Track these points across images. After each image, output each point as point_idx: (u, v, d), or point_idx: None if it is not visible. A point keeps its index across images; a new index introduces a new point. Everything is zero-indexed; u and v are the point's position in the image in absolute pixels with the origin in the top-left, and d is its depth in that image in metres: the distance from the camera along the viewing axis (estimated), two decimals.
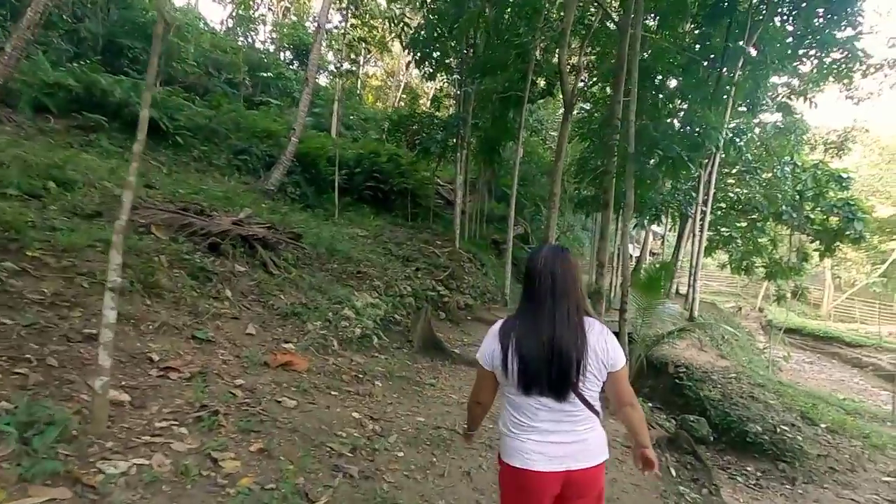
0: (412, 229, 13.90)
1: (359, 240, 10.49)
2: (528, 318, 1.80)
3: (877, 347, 19.18)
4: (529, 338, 1.75)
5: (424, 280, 9.32)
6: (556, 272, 1.78)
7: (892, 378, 17.64)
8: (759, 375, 9.82)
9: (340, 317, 5.76)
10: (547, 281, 1.77)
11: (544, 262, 1.81)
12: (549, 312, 1.75)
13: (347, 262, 8.10)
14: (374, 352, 5.82)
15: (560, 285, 1.77)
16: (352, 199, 15.77)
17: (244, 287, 5.73)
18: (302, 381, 4.25)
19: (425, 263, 10.47)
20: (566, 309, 1.75)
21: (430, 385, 5.46)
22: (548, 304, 1.75)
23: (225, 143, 13.38)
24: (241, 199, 9.99)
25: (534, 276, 1.82)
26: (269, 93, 23.73)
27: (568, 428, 1.77)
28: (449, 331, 8.45)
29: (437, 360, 6.59)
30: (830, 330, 21.77)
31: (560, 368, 1.71)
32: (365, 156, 17.27)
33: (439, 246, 12.30)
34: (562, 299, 1.76)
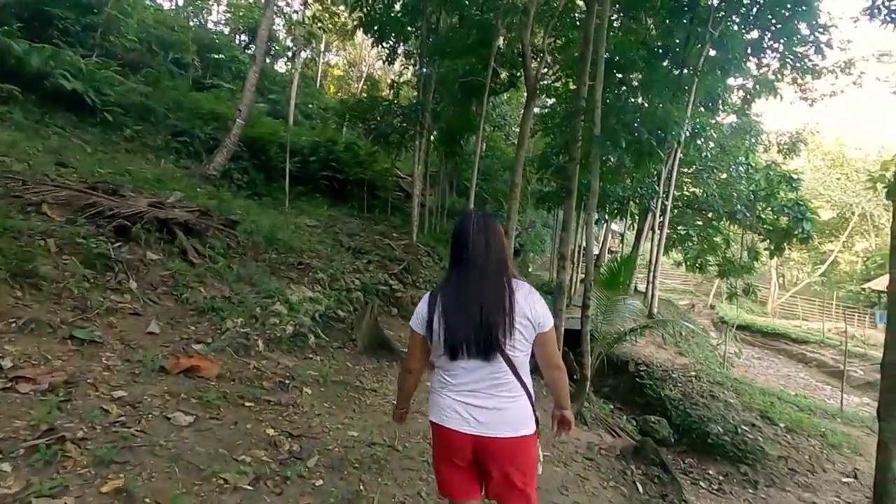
0: (368, 221, 13.10)
1: (306, 230, 9.63)
2: (457, 281, 1.76)
3: (820, 344, 19.65)
4: (456, 299, 1.72)
5: (376, 273, 8.57)
6: (489, 237, 1.77)
7: (835, 373, 18.12)
8: (718, 373, 9.57)
9: (270, 313, 4.97)
10: (480, 245, 1.75)
11: (476, 228, 1.77)
12: (480, 275, 1.72)
13: (288, 252, 7.27)
14: (309, 353, 5.05)
15: (493, 249, 1.76)
16: (305, 188, 14.79)
17: (155, 278, 4.85)
18: (208, 391, 3.46)
19: (379, 256, 9.71)
20: (496, 270, 1.73)
21: (372, 391, 4.75)
22: (478, 268, 1.72)
23: (163, 123, 12.21)
24: (175, 184, 8.97)
25: (465, 242, 1.77)
26: (222, 76, 22.27)
27: (487, 391, 1.70)
28: (401, 328, 7.73)
29: (384, 360, 5.87)
30: (777, 327, 22.24)
31: (487, 328, 1.66)
32: (321, 144, 16.30)
33: (396, 238, 11.57)
34: (493, 262, 1.74)
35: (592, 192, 5.34)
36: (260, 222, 7.71)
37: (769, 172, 16.63)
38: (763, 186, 16.72)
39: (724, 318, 24.49)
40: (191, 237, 5.82)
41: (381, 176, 16.74)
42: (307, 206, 13.11)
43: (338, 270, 7.45)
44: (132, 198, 5.95)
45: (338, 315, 6.15)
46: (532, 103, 8.37)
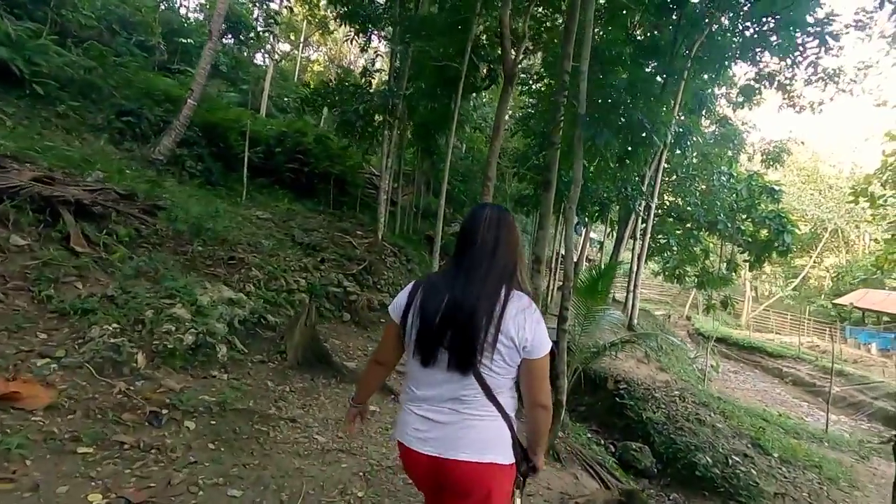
0: (333, 217, 11.97)
1: (255, 222, 8.48)
2: (450, 276, 1.46)
3: (796, 359, 19.11)
4: (440, 295, 1.42)
5: (329, 273, 7.46)
6: (501, 235, 1.47)
7: (811, 389, 17.58)
8: (702, 392, 8.69)
9: (165, 317, 3.83)
10: (488, 242, 1.45)
11: (489, 223, 1.47)
12: (477, 275, 1.41)
13: (219, 244, 6.12)
14: (214, 369, 3.93)
15: (502, 249, 1.45)
16: (268, 180, 13.59)
17: (13, 268, 3.68)
18: (17, 433, 2.35)
19: (336, 254, 8.60)
20: (498, 275, 1.43)
21: (290, 421, 3.65)
22: (479, 268, 1.42)
23: (108, 101, 10.90)
24: (106, 165, 7.74)
25: (473, 236, 1.47)
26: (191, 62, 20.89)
27: (451, 406, 1.41)
28: (351, 336, 6.64)
29: (320, 378, 4.78)
30: (754, 341, 21.70)
31: (467, 337, 1.35)
32: (289, 134, 15.12)
33: (360, 237, 10.46)
34: (497, 265, 1.44)
35: (575, 183, 4.36)
36: (191, 210, 6.53)
37: (751, 183, 16.04)
38: (744, 197, 16.13)
39: (700, 329, 23.94)
40: (85, 221, 4.65)
41: (352, 171, 15.64)
42: (267, 198, 11.94)
43: (279, 268, 6.31)
44: (15, 171, 4.75)
45: (266, 321, 5.03)
46: (509, 90, 7.41)
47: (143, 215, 5.59)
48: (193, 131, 11.97)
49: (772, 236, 15.97)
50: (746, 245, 17.19)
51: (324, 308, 6.75)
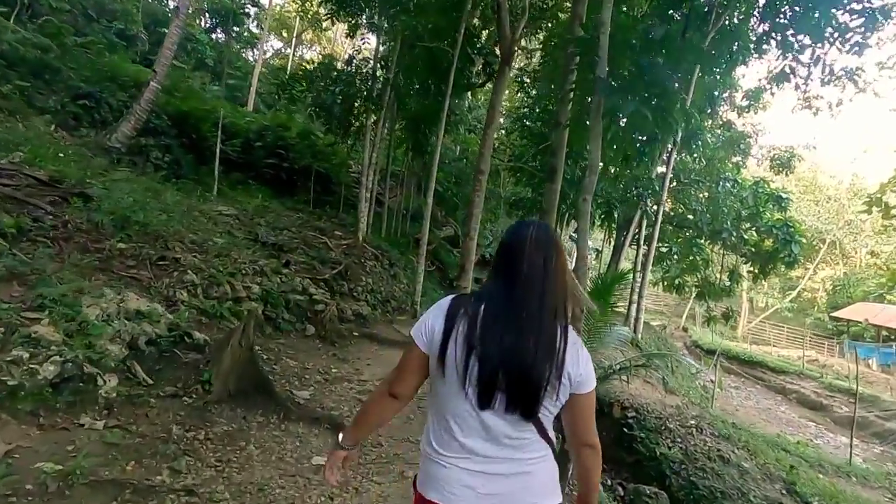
0: (311, 216, 10.80)
1: (215, 218, 7.31)
2: (505, 299, 1.19)
3: (799, 374, 18.06)
4: (505, 322, 1.16)
5: (293, 278, 6.30)
6: (549, 257, 1.21)
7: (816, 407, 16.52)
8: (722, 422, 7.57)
9: (18, 339, 2.67)
10: (538, 266, 1.20)
11: (535, 244, 1.21)
12: (536, 304, 1.17)
13: (150, 241, 4.95)
14: (91, 412, 2.76)
15: (553, 276, 1.20)
16: (246, 175, 12.43)
17: None
18: None
19: (307, 256, 7.45)
20: (552, 309, 1.19)
21: (186, 493, 2.49)
22: (535, 294, 1.18)
23: (64, 83, 9.74)
24: (39, 150, 6.55)
25: (519, 261, 1.20)
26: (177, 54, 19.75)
27: (509, 454, 1.21)
28: (313, 354, 5.47)
29: (256, 415, 3.62)
30: (755, 354, 20.64)
31: (527, 383, 1.15)
32: (270, 129, 13.97)
33: (338, 238, 9.31)
34: (551, 299, 1.19)
35: (591, 169, 3.24)
36: (123, 201, 5.36)
37: (757, 190, 15.02)
38: (750, 204, 15.12)
39: (699, 341, 22.92)
40: None
41: (338, 169, 14.52)
42: (240, 194, 10.77)
43: (224, 271, 5.14)
44: None
45: (191, 339, 3.86)
46: (506, 72, 6.32)
47: (48, 205, 4.43)
48: (162, 120, 10.86)
49: (778, 246, 14.96)
50: (751, 255, 16.18)
51: (281, 319, 5.58)
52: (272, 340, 5.23)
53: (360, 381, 5.05)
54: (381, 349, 6.53)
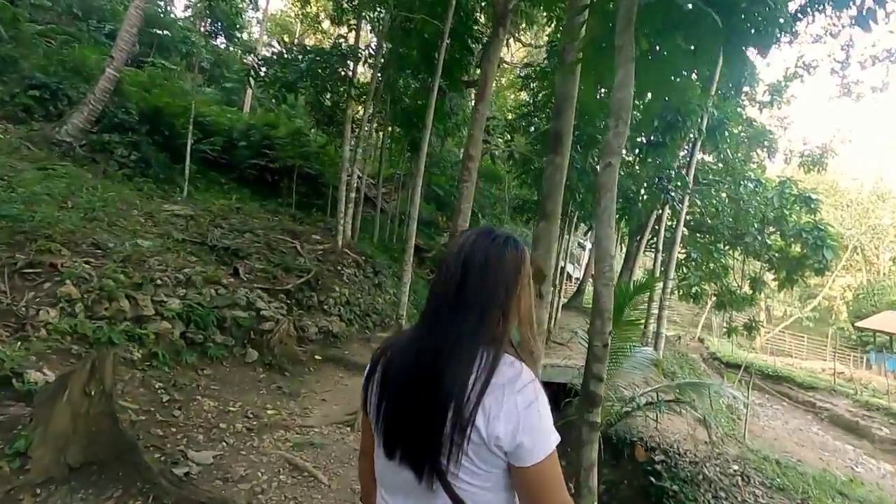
0: (291, 219, 9.55)
1: (159, 219, 6.08)
2: (414, 334, 0.91)
3: (830, 391, 16.36)
4: (403, 361, 0.89)
5: (237, 289, 5.01)
6: (473, 264, 0.87)
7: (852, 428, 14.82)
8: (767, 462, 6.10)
9: None
10: (453, 275, 0.86)
11: (459, 248, 0.89)
12: (449, 332, 0.84)
13: (26, 241, 3.69)
14: None
15: (472, 286, 0.86)
16: (227, 176, 11.29)
17: None
18: None
19: (267, 263, 6.17)
20: (474, 330, 0.84)
21: None
22: (451, 321, 0.85)
23: (15, 72, 8.65)
24: None
25: (440, 268, 0.91)
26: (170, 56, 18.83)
27: None
28: (247, 388, 4.16)
29: (110, 494, 2.33)
30: (780, 369, 18.93)
31: (417, 422, 0.83)
32: (257, 127, 12.83)
33: (315, 243, 8.04)
34: (466, 308, 0.84)
35: (618, 113, 1.86)
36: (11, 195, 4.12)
37: (783, 190, 13.50)
38: (776, 206, 13.60)
39: (717, 353, 21.30)
40: None
41: (329, 171, 13.32)
42: (216, 195, 9.59)
43: (127, 282, 3.86)
44: None
45: (23, 383, 2.55)
46: (500, 36, 5.02)
47: None
48: (130, 115, 9.74)
49: (809, 251, 13.39)
50: (776, 261, 14.63)
51: (211, 343, 4.28)
52: (191, 372, 3.93)
53: (301, 427, 3.72)
54: (347, 376, 5.20)
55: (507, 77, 19.98)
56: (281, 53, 8.01)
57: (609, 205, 2.00)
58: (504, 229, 0.97)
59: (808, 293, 29.65)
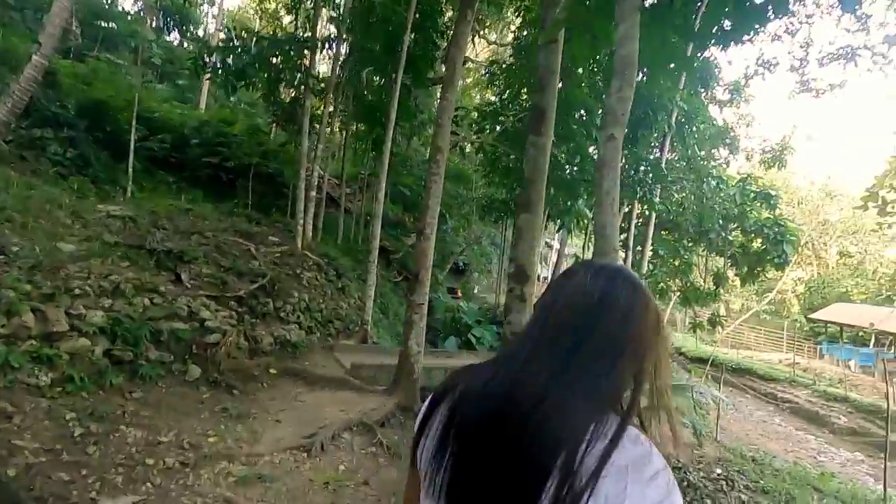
0: (248, 220, 8.88)
1: (89, 219, 5.39)
2: (499, 369, 0.70)
3: (790, 382, 16.76)
4: (482, 397, 0.68)
5: (177, 298, 4.40)
6: (616, 304, 0.69)
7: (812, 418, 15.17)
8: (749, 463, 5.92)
9: None
10: (580, 311, 0.69)
11: (592, 280, 0.71)
12: (546, 363, 0.66)
13: None
14: None
15: (610, 329, 0.68)
16: (178, 177, 10.47)
17: None
18: None
19: (216, 268, 5.56)
20: (590, 374, 0.65)
21: None
22: (553, 351, 0.67)
23: None
24: None
25: (551, 302, 0.74)
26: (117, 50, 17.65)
27: None
28: (185, 414, 3.58)
29: None
30: (742, 362, 19.34)
31: (500, 491, 0.62)
32: (210, 124, 12.06)
33: (272, 245, 7.44)
34: (593, 354, 0.66)
35: (621, 72, 1.48)
36: None
37: (745, 187, 13.71)
38: (738, 203, 13.80)
39: (681, 348, 21.64)
40: None
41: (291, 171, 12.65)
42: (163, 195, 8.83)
43: (34, 292, 3.25)
44: None
45: None
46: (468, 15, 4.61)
47: None
48: (66, 110, 8.89)
49: (768, 246, 13.65)
50: (739, 257, 14.85)
51: (143, 361, 3.68)
52: (116, 397, 3.33)
53: (249, 457, 3.19)
54: (306, 391, 4.68)
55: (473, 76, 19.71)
56: (231, 40, 7.37)
57: (612, 187, 1.62)
58: None
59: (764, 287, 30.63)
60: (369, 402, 4.53)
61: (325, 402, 4.43)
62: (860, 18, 8.94)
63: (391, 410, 4.38)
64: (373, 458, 3.57)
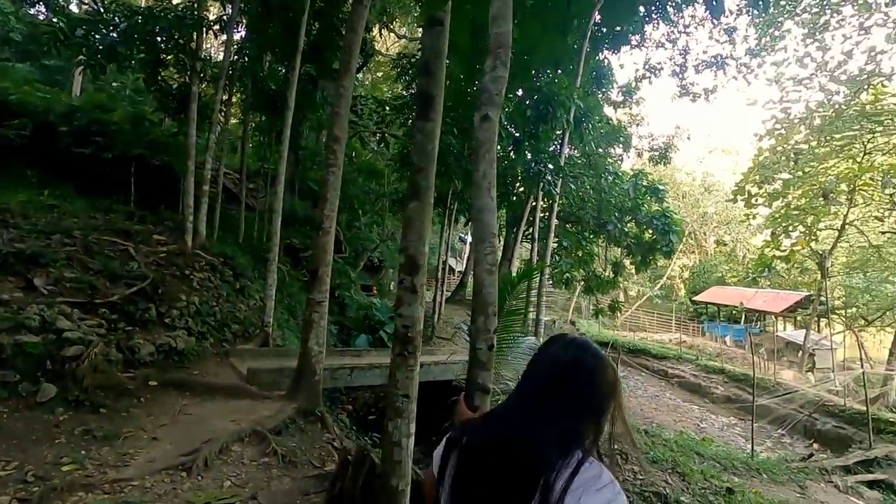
0: (127, 218, 7.95)
1: None
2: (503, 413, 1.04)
3: (678, 359, 18.54)
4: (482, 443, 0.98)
5: (27, 306, 3.78)
6: (583, 367, 0.97)
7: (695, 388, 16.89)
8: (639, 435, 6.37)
9: None
10: (560, 371, 0.97)
11: (566, 348, 1.01)
12: (538, 414, 0.94)
13: None
14: None
15: (578, 389, 0.96)
16: (41, 169, 9.12)
17: None
18: None
19: (80, 271, 4.88)
20: (567, 422, 0.92)
21: None
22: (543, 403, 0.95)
23: None
24: None
25: (543, 359, 1.03)
26: None
27: None
28: (36, 442, 3.07)
29: None
30: (638, 343, 21.04)
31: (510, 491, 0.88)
32: (83, 110, 10.66)
33: (156, 244, 6.72)
34: (570, 408, 0.94)
35: (497, 46, 1.39)
36: None
37: (637, 182, 14.87)
38: (631, 196, 14.94)
39: (585, 334, 22.98)
40: None
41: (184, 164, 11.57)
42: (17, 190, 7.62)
43: None
44: None
45: None
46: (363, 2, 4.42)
47: None
48: None
49: (658, 237, 14.94)
50: (633, 247, 16.09)
51: None
52: None
53: (114, 483, 2.79)
54: (193, 403, 4.24)
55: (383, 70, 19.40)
56: (97, 12, 6.48)
57: (488, 169, 1.57)
58: None
59: (656, 274, 33.61)
60: (265, 409, 4.21)
61: (214, 414, 4.04)
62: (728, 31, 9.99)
63: (290, 416, 4.10)
64: (265, 470, 3.30)
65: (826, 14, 9.37)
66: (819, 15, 9.41)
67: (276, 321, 7.02)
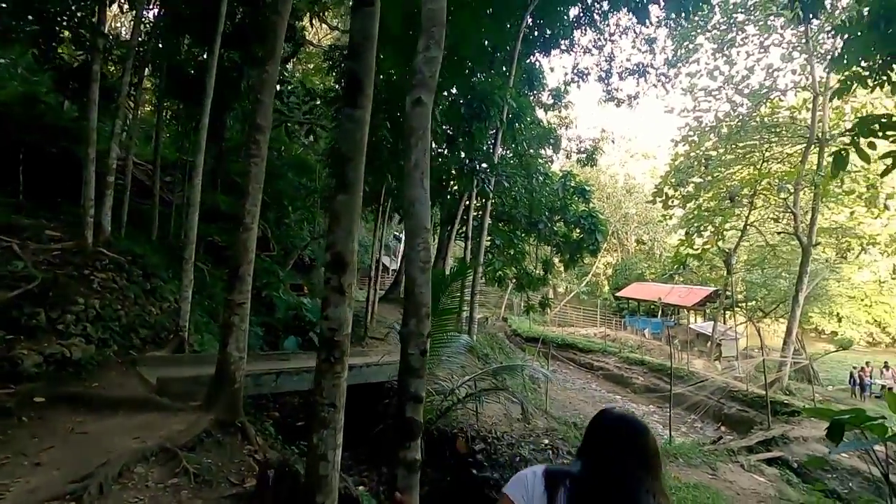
0: (13, 212, 7.00)
1: None
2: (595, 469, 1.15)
3: (603, 352, 19.48)
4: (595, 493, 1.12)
5: None
6: (652, 442, 1.17)
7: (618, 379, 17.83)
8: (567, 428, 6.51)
9: None
10: (642, 445, 1.15)
11: (638, 424, 1.20)
12: (627, 475, 1.11)
13: None
14: None
15: (654, 460, 1.15)
16: None
17: None
18: None
19: None
20: (653, 482, 1.12)
21: None
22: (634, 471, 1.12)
23: None
24: None
25: (621, 428, 1.19)
26: None
27: None
28: None
29: None
30: (567, 337, 21.86)
31: None
32: None
33: (49, 241, 5.95)
34: (652, 471, 1.13)
35: (430, 24, 1.29)
36: None
37: (565, 183, 15.43)
38: (560, 196, 15.47)
39: (518, 330, 23.57)
40: None
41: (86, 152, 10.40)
42: None
43: None
44: None
45: None
46: None
47: None
48: None
49: (585, 236, 15.58)
50: (562, 245, 16.66)
51: None
52: None
53: None
54: (90, 419, 3.76)
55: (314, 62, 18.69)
56: None
57: (421, 157, 1.44)
58: None
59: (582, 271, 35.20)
60: (177, 422, 3.81)
61: (115, 431, 3.60)
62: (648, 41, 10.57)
63: (205, 429, 3.74)
64: (173, 492, 2.96)
65: (732, 31, 10.22)
66: (727, 31, 10.25)
67: (193, 325, 6.47)
